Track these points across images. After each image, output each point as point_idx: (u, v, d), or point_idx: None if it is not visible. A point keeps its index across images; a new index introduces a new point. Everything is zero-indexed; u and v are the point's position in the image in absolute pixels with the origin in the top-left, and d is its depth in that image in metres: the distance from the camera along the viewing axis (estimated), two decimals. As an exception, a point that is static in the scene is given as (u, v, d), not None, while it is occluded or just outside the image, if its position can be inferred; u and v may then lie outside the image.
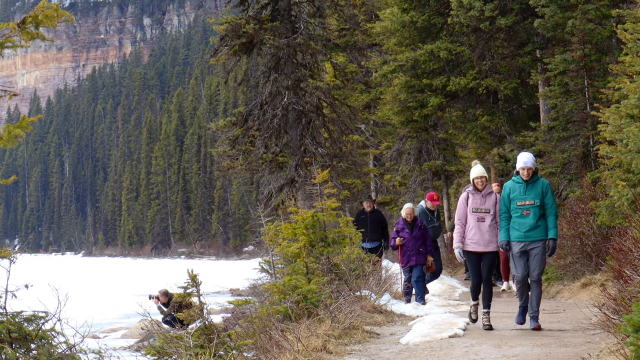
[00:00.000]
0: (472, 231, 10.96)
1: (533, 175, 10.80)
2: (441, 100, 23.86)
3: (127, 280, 52.82)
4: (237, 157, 25.37)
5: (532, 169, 10.77)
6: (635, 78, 12.59)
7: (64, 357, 6.96)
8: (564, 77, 20.57)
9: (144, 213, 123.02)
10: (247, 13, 24.79)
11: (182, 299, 14.19)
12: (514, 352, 9.52)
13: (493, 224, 10.94)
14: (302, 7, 25.20)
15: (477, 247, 10.94)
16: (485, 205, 10.95)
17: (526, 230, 10.59)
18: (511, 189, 10.76)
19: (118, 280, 53.97)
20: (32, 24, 7.42)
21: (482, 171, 11.14)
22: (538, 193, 10.65)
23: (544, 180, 10.94)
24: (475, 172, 11.13)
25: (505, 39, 23.19)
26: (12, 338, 6.80)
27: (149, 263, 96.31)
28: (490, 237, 10.90)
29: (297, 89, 24.85)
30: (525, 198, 10.64)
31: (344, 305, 13.11)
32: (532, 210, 10.60)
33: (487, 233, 10.91)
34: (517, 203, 10.66)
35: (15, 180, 8.27)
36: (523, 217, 10.61)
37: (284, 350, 10.24)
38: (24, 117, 7.53)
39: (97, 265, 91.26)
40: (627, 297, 8.05)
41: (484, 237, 10.91)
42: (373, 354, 10.19)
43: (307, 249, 14.61)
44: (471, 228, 10.97)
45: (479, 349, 9.92)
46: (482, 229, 10.93)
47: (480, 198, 10.99)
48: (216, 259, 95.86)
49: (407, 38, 23.85)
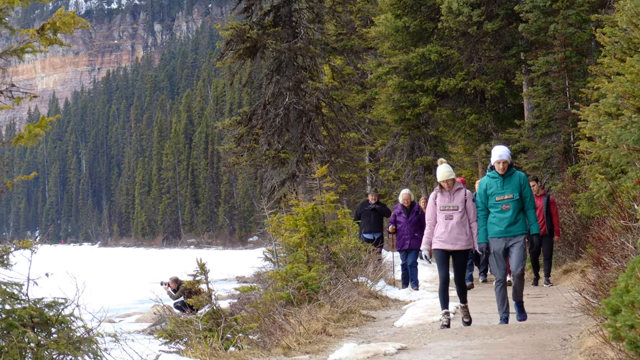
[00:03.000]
0: (440, 229, 9.96)
1: (509, 169, 9.85)
2: (432, 100, 23.84)
3: (140, 268, 52.81)
4: (242, 154, 25.39)
5: (507, 162, 9.85)
6: (613, 78, 12.58)
7: (82, 341, 6.96)
8: (547, 77, 20.57)
9: (156, 206, 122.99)
10: (251, 19, 24.78)
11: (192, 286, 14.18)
12: (500, 333, 9.53)
13: (463, 221, 9.95)
14: (302, 13, 25.18)
15: (444, 245, 9.94)
16: (453, 202, 9.94)
17: (506, 225, 9.72)
18: (487, 184, 9.87)
19: (132, 269, 53.96)
20: (50, 31, 7.41)
21: (448, 174, 9.97)
22: (516, 186, 9.78)
23: (521, 173, 10.01)
24: (441, 175, 9.97)
25: (491, 42, 23.18)
26: (34, 323, 6.81)
27: (161, 253, 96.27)
28: (459, 235, 9.90)
29: (298, 90, 24.85)
30: (504, 192, 9.75)
31: (342, 291, 13.12)
32: (511, 205, 9.72)
33: (455, 230, 9.90)
34: (495, 198, 9.77)
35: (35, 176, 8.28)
36: (503, 212, 9.73)
37: (286, 333, 10.25)
38: (43, 118, 7.53)
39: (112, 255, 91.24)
40: (605, 282, 8.06)
41: (451, 234, 9.89)
42: (369, 336, 10.19)
43: (308, 239, 14.62)
44: (440, 226, 9.98)
45: (469, 330, 9.93)
46: (450, 226, 9.91)
47: (448, 196, 9.98)
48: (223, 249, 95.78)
49: (400, 42, 23.82)
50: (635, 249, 7.93)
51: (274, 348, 9.59)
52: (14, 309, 6.82)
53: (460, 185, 10.09)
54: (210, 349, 8.87)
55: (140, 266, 57.31)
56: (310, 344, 9.74)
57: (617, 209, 9.52)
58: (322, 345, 9.71)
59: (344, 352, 8.74)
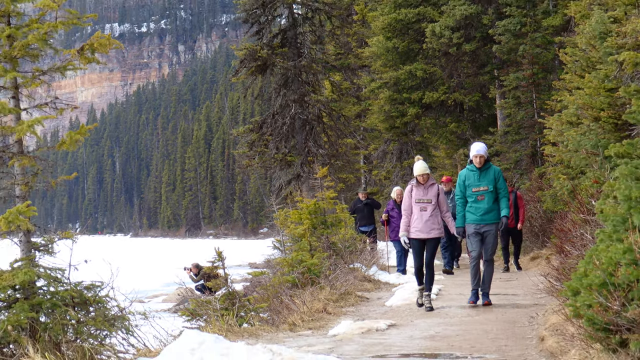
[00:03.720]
0: (415, 220, 9.74)
1: (485, 163, 9.68)
2: (418, 111, 23.82)
3: (166, 256, 52.78)
4: (254, 157, 25.39)
5: (484, 156, 9.67)
6: (574, 92, 12.58)
7: (116, 318, 6.97)
8: (517, 91, 20.57)
9: (179, 202, 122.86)
10: (262, 41, 24.77)
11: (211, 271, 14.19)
12: (476, 311, 9.52)
13: (435, 213, 9.72)
14: (306, 36, 25.18)
15: (420, 235, 9.71)
16: (427, 196, 9.71)
17: (481, 214, 9.57)
18: (466, 176, 9.69)
19: (159, 256, 53.93)
20: (89, 51, 7.41)
21: (424, 168, 9.77)
22: (491, 179, 9.58)
23: (496, 167, 9.83)
24: (417, 169, 9.79)
25: (469, 61, 23.17)
26: (75, 303, 6.81)
27: (184, 242, 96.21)
28: (432, 225, 9.70)
29: (302, 102, 24.84)
30: (480, 184, 9.59)
31: (340, 275, 13.11)
32: (486, 196, 9.57)
33: (429, 221, 9.68)
34: (472, 189, 9.61)
35: (76, 176, 8.28)
36: (478, 202, 9.59)
37: (292, 312, 10.24)
38: (83, 126, 7.53)
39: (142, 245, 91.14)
40: (567, 268, 8.05)
41: (426, 225, 9.68)
42: (364, 314, 10.19)
43: (310, 231, 14.61)
44: (415, 218, 9.75)
45: (449, 310, 9.93)
46: (424, 217, 9.68)
47: (422, 190, 9.74)
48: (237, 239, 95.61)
49: (390, 60, 23.80)
50: (592, 239, 7.92)
51: (282, 324, 9.58)
52: (57, 291, 6.82)
53: (433, 180, 9.88)
54: (226, 325, 8.87)
55: (166, 254, 57.28)
56: (312, 321, 9.74)
57: (577, 205, 9.53)
58: (323, 322, 9.71)
59: (341, 328, 8.74)
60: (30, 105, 7.35)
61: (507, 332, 7.94)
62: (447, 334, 8.00)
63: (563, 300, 6.42)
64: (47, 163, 7.45)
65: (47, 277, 6.84)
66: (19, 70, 7.22)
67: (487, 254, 9.68)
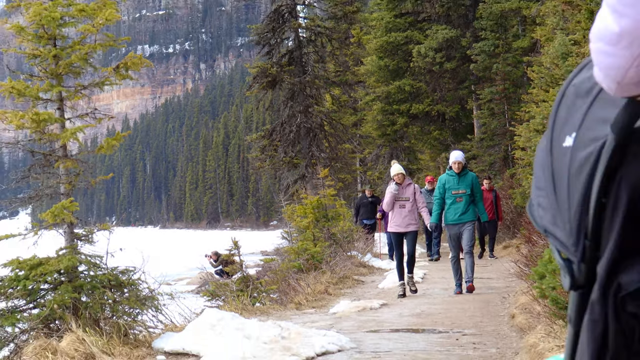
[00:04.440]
0: (395, 216, 9.54)
1: (463, 169, 9.52)
2: (406, 120, 23.81)
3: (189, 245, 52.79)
4: (265, 160, 25.37)
5: (462, 163, 9.51)
6: (540, 104, 12.57)
7: (147, 298, 6.97)
8: (491, 104, 20.56)
9: (201, 199, 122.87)
10: (272, 60, 24.74)
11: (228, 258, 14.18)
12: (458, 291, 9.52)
13: (413, 209, 9.49)
14: (310, 55, 25.15)
15: (398, 229, 9.50)
16: (405, 195, 9.50)
17: (459, 214, 9.36)
18: (446, 180, 9.50)
19: (183, 245, 53.92)
20: (123, 69, 7.42)
21: (398, 169, 9.58)
22: (468, 184, 9.40)
23: (472, 174, 9.68)
24: (394, 170, 9.62)
25: (450, 77, 23.15)
26: (111, 285, 6.82)
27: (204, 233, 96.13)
28: (409, 220, 9.46)
29: (307, 112, 24.81)
30: (459, 188, 9.40)
31: (339, 261, 13.12)
32: (464, 198, 9.37)
33: (407, 217, 9.46)
34: (452, 192, 9.42)
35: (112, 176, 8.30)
36: (457, 203, 9.39)
37: (298, 293, 10.25)
38: (118, 133, 7.54)
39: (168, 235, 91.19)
40: (534, 255, 8.05)
41: (404, 220, 9.44)
42: (359, 295, 10.20)
43: (314, 223, 14.61)
44: (395, 214, 9.55)
45: (433, 291, 9.94)
46: (402, 214, 9.46)
47: (401, 189, 9.52)
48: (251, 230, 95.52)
49: (382, 77, 23.80)
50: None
51: (289, 304, 9.59)
52: (96, 275, 6.83)
53: (410, 181, 9.69)
54: (241, 305, 8.87)
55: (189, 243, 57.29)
56: (315, 301, 9.74)
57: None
58: (324, 302, 9.71)
59: (340, 307, 8.74)
60: (73, 115, 7.36)
61: (482, 310, 7.94)
62: (431, 312, 8.00)
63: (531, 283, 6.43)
64: (88, 165, 7.46)
65: (88, 263, 6.85)
66: (64, 85, 7.22)
67: (467, 246, 9.43)
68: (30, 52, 7.14)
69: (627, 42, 1.01)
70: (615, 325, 1.09)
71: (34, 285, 6.58)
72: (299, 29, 25.11)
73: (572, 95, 1.24)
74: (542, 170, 1.30)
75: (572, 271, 1.14)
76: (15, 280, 6.50)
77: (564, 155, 1.20)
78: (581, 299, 1.16)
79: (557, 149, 1.23)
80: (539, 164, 1.33)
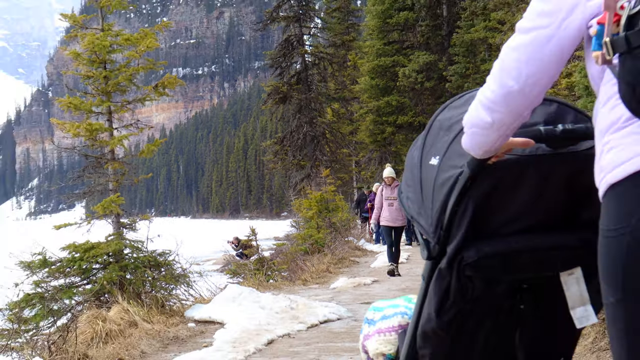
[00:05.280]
0: (385, 212, 9.38)
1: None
2: (393, 129, 23.80)
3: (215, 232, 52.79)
4: (277, 162, 25.39)
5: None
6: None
7: (180, 276, 6.98)
8: (463, 116, 20.51)
9: (225, 194, 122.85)
10: (283, 80, 24.74)
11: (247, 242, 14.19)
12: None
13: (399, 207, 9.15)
14: (314, 76, 25.13)
15: (388, 223, 9.34)
16: (393, 194, 9.33)
17: None
18: None
19: (210, 232, 53.92)
20: (161, 87, 7.43)
21: (389, 172, 9.56)
22: None
23: None
24: (385, 173, 9.61)
25: (429, 94, 23.12)
26: (150, 265, 6.83)
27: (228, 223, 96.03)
28: (397, 216, 9.26)
29: (311, 123, 24.78)
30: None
31: (338, 246, 13.11)
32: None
33: (394, 213, 9.26)
34: None
35: (151, 176, 8.31)
36: None
37: (304, 271, 10.26)
38: (156, 140, 7.57)
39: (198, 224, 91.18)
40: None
41: (392, 216, 9.29)
42: (355, 273, 10.19)
43: (317, 214, 14.62)
44: (385, 210, 9.39)
45: (416, 270, 9.92)
46: (391, 211, 9.32)
47: (390, 190, 9.44)
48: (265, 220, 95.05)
49: (373, 94, 23.79)
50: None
51: (297, 280, 9.59)
52: (138, 256, 6.84)
53: (398, 182, 9.57)
54: (257, 281, 8.88)
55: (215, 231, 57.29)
56: (319, 278, 9.74)
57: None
58: (326, 278, 9.72)
59: (339, 283, 8.74)
60: (120, 126, 7.37)
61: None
62: (414, 287, 7.99)
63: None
64: (131, 166, 7.48)
65: (131, 247, 6.86)
66: (112, 101, 7.24)
67: None
68: (84, 73, 7.17)
69: (497, 127, 1.29)
70: (456, 284, 1.43)
71: (88, 265, 6.60)
72: (305, 54, 25.11)
73: (436, 128, 1.54)
74: (411, 173, 1.60)
75: (429, 248, 1.47)
76: (72, 261, 6.52)
77: (430, 171, 1.49)
78: (432, 266, 1.49)
79: (425, 165, 1.53)
80: (409, 166, 1.63)
